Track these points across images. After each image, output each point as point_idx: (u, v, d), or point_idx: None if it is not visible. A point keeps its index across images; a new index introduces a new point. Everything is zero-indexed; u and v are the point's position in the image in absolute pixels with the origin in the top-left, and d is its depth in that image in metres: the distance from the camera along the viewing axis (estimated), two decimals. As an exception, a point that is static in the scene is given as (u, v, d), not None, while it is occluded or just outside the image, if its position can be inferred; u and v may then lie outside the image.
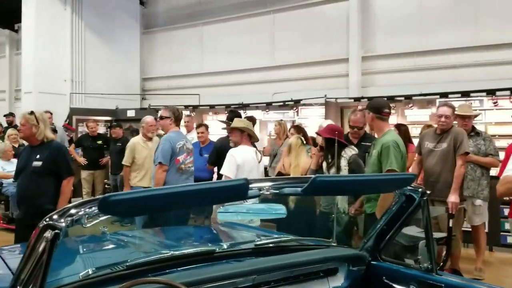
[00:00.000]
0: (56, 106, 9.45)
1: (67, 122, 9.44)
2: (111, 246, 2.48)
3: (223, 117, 8.75)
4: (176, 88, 10.97)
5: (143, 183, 5.79)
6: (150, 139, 6.09)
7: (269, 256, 1.93)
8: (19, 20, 13.82)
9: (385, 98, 6.99)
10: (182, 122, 5.50)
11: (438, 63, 8.04)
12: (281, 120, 7.37)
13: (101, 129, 9.13)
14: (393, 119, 6.62)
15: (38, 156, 3.98)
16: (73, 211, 1.35)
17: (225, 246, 2.02)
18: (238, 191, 1.40)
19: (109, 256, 2.28)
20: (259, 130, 8.16)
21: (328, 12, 9.27)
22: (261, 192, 1.55)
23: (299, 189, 1.54)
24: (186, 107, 9.10)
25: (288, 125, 7.91)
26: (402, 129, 6.38)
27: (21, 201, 4.13)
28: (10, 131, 8.47)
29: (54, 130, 6.43)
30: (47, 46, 9.98)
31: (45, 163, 3.96)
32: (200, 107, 9.08)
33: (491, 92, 6.83)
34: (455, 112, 4.40)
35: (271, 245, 2.08)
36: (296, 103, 7.91)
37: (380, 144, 3.54)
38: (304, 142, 5.01)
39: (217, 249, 1.97)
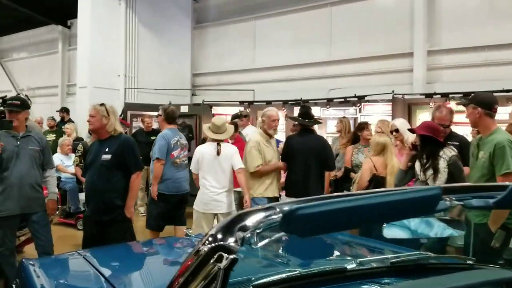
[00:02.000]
0: (110, 101, 9.32)
1: (121, 117, 9.41)
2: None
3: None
4: (228, 83, 10.78)
5: (269, 193, 5.01)
6: (270, 136, 5.12)
7: (411, 277, 1.64)
8: (71, 16, 14.09)
9: (461, 94, 6.58)
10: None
11: (508, 58, 7.49)
12: (344, 117, 7.04)
13: (155, 125, 9.05)
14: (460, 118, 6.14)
15: (107, 150, 3.87)
16: (247, 224, 1.07)
17: (356, 264, 1.75)
18: (429, 202, 1.12)
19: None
20: (317, 127, 7.83)
21: (390, 4, 8.83)
22: (449, 204, 1.25)
23: (491, 200, 1.24)
24: (241, 103, 8.89)
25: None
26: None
27: (89, 197, 4.01)
28: (66, 125, 8.54)
29: None
30: (101, 41, 10.01)
31: (114, 157, 3.84)
32: (256, 103, 8.83)
33: None
34: None
35: (408, 263, 1.79)
36: (360, 99, 7.53)
37: (491, 144, 3.16)
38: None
39: (349, 267, 1.71)
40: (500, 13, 7.56)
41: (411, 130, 3.92)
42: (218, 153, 4.79)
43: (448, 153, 3.56)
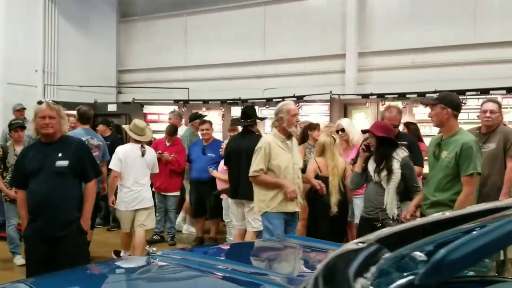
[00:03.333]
0: (26, 99, 8.60)
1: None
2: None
3: (214, 113, 8.30)
4: (159, 81, 10.34)
5: (287, 206, 3.98)
6: (290, 136, 4.08)
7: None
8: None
9: (395, 95, 6.79)
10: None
11: (436, 60, 7.93)
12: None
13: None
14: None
15: (60, 155, 3.32)
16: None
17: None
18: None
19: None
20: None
21: (323, 5, 8.96)
22: None
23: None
24: (176, 101, 8.52)
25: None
26: (411, 128, 6.18)
27: (39, 210, 3.35)
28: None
29: (23, 127, 5.64)
30: (16, 33, 9.09)
31: (71, 163, 3.34)
32: (191, 102, 8.52)
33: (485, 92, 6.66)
34: None
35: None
36: (299, 99, 7.53)
37: (456, 144, 3.17)
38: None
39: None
40: (428, 16, 7.96)
41: (365, 131, 3.88)
42: (143, 155, 5.19)
43: (401, 153, 3.59)
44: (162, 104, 8.68)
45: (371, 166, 3.69)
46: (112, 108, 8.70)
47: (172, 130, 6.62)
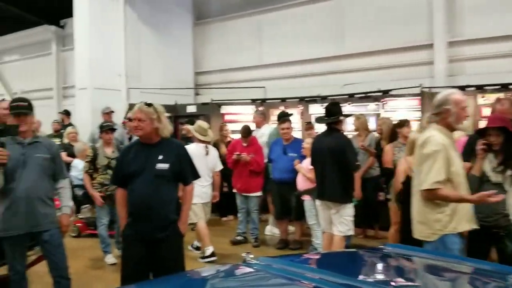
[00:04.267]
0: (111, 102, 8.94)
1: (126, 120, 8.89)
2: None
3: (291, 111, 8.06)
4: (234, 81, 10.31)
5: (464, 224, 3.02)
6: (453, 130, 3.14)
7: None
8: (64, 16, 13.54)
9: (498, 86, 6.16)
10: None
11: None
12: (361, 114, 6.64)
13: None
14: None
15: (161, 157, 3.30)
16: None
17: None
18: None
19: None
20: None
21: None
22: None
23: None
24: (253, 101, 8.41)
25: (372, 120, 7.17)
26: None
27: (138, 212, 3.34)
28: (70, 129, 8.00)
29: (114, 129, 5.85)
30: (100, 40, 9.49)
31: (172, 166, 3.31)
32: (268, 101, 8.37)
33: None
34: None
35: None
36: (384, 93, 7.10)
37: None
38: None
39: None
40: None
41: (482, 130, 3.34)
42: (207, 154, 5.68)
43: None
44: (240, 104, 8.60)
45: (489, 165, 3.25)
46: (191, 109, 8.78)
47: (245, 132, 6.52)
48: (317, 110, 7.77)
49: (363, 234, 6.67)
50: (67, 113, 9.69)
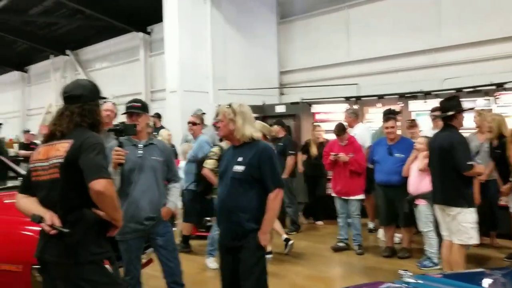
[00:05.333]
0: (199, 104, 8.97)
1: (216, 121, 8.89)
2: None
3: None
4: (321, 79, 9.97)
5: None
6: None
7: None
8: (151, 22, 14.00)
9: None
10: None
11: None
12: (481, 109, 6.01)
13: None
14: None
15: (240, 159, 3.10)
16: None
17: None
18: None
19: None
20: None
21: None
22: None
23: None
24: (347, 98, 8.03)
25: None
26: None
27: (219, 216, 3.27)
28: (166, 131, 8.12)
29: None
30: (189, 43, 9.63)
31: (248, 169, 3.06)
32: (364, 98, 7.94)
33: None
34: None
35: None
36: (498, 87, 6.41)
37: None
38: None
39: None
40: None
41: None
42: None
43: None
44: (332, 102, 8.25)
45: None
46: (280, 109, 8.59)
47: (340, 129, 6.16)
48: (419, 106, 7.23)
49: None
50: (158, 116, 9.91)
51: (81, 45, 16.78)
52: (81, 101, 2.52)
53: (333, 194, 6.24)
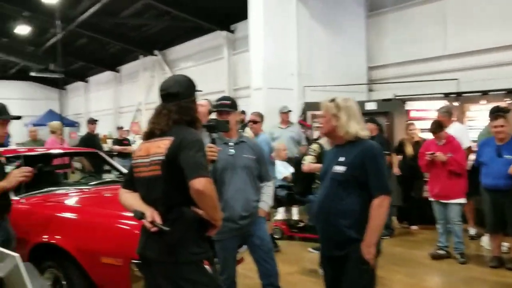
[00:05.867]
0: (284, 101, 8.82)
1: (302, 118, 8.72)
2: None
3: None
4: (413, 75, 9.37)
5: None
6: None
7: None
8: (235, 21, 14.12)
9: None
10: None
11: None
12: None
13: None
14: None
15: (341, 159, 2.80)
16: None
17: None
18: None
19: None
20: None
21: None
22: None
23: None
24: (447, 95, 7.43)
25: None
26: None
27: (318, 220, 2.97)
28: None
29: None
30: (274, 40, 9.51)
31: (350, 170, 2.73)
32: (465, 94, 7.29)
33: None
34: None
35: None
36: None
37: None
38: None
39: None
40: None
41: None
42: None
43: None
44: (429, 99, 7.69)
45: None
46: (370, 106, 8.16)
47: (436, 127, 5.70)
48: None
49: None
50: (243, 113, 9.91)
51: (168, 45, 17.39)
52: (178, 99, 2.47)
53: (431, 198, 5.78)
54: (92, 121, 9.34)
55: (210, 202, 2.26)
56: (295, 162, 5.38)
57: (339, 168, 2.80)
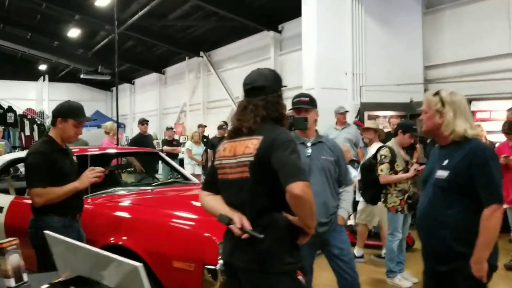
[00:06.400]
0: (338, 102, 8.51)
1: (357, 119, 8.43)
2: None
3: None
4: (473, 74, 8.89)
5: None
6: None
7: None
8: (283, 20, 13.95)
9: None
10: None
11: None
12: None
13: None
14: None
15: (445, 162, 2.48)
16: None
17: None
18: None
19: None
20: None
21: None
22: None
23: None
24: (517, 94, 6.97)
25: None
26: None
27: (419, 229, 2.64)
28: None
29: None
30: (327, 39, 9.27)
31: (454, 175, 2.40)
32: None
33: None
34: None
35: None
36: None
37: None
38: None
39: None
40: None
41: None
42: None
43: None
44: (496, 98, 7.23)
45: None
46: (431, 107, 7.75)
47: (509, 127, 5.39)
48: None
49: None
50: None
51: (213, 46, 17.43)
52: (264, 93, 2.27)
53: (505, 205, 5.36)
54: (144, 122, 9.37)
55: (308, 208, 2.05)
56: (363, 168, 5.03)
57: (442, 173, 2.46)
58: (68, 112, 3.20)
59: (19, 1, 15.61)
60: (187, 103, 19.40)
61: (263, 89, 2.28)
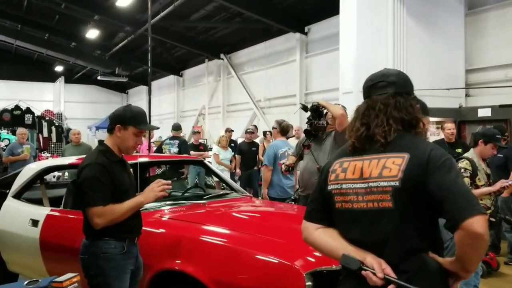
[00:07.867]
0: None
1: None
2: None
3: None
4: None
5: None
6: None
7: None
8: (310, 22, 13.48)
9: None
10: None
11: None
12: None
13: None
14: None
15: None
16: None
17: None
18: None
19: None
20: None
21: None
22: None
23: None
24: None
25: None
26: None
27: None
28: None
29: None
30: (366, 40, 8.74)
31: None
32: None
33: None
34: None
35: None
36: None
37: None
38: None
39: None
40: None
41: None
42: None
43: None
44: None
45: None
46: (484, 113, 7.26)
47: None
48: None
49: None
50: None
51: (235, 48, 16.99)
52: (394, 90, 1.81)
53: None
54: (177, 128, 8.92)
55: (482, 250, 1.58)
56: None
57: None
58: (129, 119, 2.76)
59: (38, 1, 15.31)
60: (206, 106, 18.99)
61: (392, 85, 1.84)
